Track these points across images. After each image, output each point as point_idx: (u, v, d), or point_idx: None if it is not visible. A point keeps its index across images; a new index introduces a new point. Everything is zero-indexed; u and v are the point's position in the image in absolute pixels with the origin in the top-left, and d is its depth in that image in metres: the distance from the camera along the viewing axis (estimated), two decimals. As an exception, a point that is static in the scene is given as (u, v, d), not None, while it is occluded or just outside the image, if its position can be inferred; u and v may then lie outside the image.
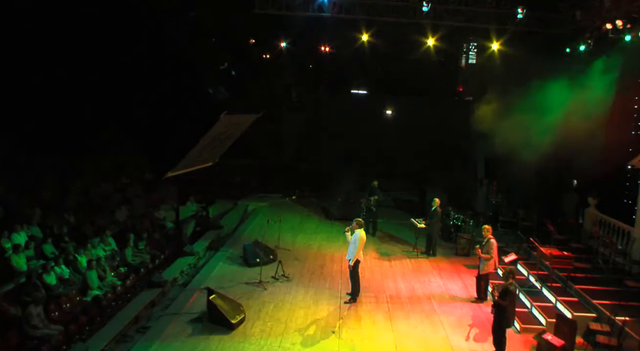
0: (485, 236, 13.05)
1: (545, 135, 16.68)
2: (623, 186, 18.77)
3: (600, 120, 16.57)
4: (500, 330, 10.33)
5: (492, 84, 18.94)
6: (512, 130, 16.84)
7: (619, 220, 15.63)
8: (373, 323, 11.75)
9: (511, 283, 10.35)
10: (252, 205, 22.43)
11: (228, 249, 16.35)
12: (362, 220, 13.08)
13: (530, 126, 16.90)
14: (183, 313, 11.55)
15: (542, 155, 16.55)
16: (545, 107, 17.16)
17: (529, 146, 16.47)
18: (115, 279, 14.08)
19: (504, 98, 17.74)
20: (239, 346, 10.23)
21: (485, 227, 13.14)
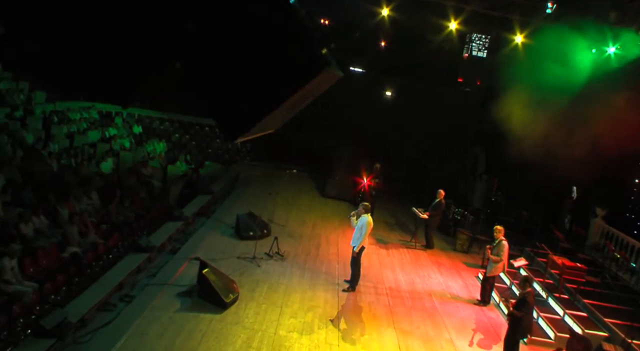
0: (497, 237, 12.31)
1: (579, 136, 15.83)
2: (628, 199, 18.24)
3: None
4: (513, 340, 9.61)
5: (515, 78, 18.00)
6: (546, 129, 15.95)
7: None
8: (373, 317, 10.96)
9: (528, 293, 9.60)
10: (243, 172, 21.37)
11: (219, 217, 15.35)
12: (369, 205, 12.23)
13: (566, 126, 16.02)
14: (171, 284, 10.56)
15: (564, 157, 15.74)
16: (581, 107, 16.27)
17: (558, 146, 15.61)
18: (96, 237, 13.05)
19: (533, 95, 16.82)
20: (232, 330, 9.33)
21: (497, 227, 12.38)
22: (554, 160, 17.87)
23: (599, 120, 16.10)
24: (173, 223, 13.76)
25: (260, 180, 20.95)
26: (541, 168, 19.79)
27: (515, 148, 19.86)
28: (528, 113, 16.68)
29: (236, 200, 17.52)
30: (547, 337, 11.15)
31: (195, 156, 21.85)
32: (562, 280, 12.42)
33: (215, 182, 18.83)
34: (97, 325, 8.85)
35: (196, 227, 14.67)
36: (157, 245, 12.03)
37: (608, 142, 16.36)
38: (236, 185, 19.82)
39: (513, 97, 17.42)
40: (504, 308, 12.40)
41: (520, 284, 9.74)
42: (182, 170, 20.06)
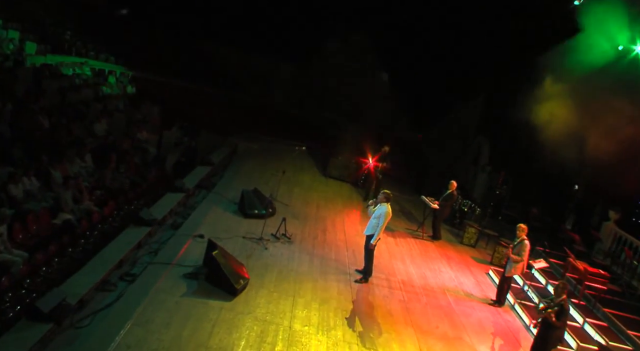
0: (519, 236, 11.62)
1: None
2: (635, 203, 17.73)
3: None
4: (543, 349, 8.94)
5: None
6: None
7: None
8: (389, 313, 10.23)
9: (565, 300, 8.91)
10: (241, 144, 20.36)
11: (220, 191, 14.41)
12: (390, 193, 11.41)
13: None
14: (175, 264, 9.65)
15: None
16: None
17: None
18: (90, 204, 12.06)
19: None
20: (244, 321, 8.51)
21: (521, 225, 11.67)
22: (567, 154, 17.27)
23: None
24: (174, 194, 12.80)
25: (260, 154, 20.01)
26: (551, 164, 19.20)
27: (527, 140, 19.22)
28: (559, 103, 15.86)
29: (237, 174, 16.58)
30: (569, 346, 10.52)
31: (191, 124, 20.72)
32: (583, 286, 11.78)
33: (214, 152, 17.80)
34: (97, 307, 7.93)
35: (196, 199, 13.73)
36: (158, 219, 11.06)
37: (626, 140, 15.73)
38: (234, 157, 18.80)
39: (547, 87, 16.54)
40: (519, 311, 11.79)
41: (557, 290, 9.03)
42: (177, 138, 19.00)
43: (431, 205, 15.46)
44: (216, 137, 20.78)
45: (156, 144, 18.19)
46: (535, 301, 12.22)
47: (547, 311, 8.84)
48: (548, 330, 8.86)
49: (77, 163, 13.42)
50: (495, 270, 13.90)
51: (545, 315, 8.88)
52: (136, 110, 19.70)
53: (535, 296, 12.31)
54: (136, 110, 19.66)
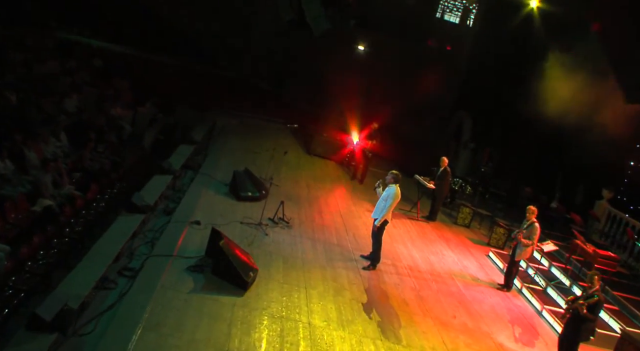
0: (529, 218, 11.16)
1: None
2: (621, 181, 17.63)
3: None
4: (576, 342, 8.52)
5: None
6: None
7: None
8: (405, 303, 9.67)
9: (599, 291, 8.48)
10: (220, 121, 19.33)
11: (207, 172, 13.49)
12: (398, 174, 10.75)
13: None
14: (175, 256, 8.79)
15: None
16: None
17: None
18: (71, 188, 11.04)
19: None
20: (261, 319, 7.80)
21: (531, 208, 11.22)
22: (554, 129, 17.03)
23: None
24: (161, 176, 11.82)
25: (241, 130, 19.05)
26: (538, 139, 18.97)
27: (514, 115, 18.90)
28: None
29: (221, 153, 15.64)
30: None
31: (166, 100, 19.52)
32: (593, 269, 11.41)
33: (193, 129, 16.77)
34: (99, 309, 7.05)
35: (183, 181, 12.79)
36: (151, 204, 10.13)
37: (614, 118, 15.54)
38: (214, 134, 17.80)
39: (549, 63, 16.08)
40: (528, 295, 11.42)
41: (589, 279, 8.58)
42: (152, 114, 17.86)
43: (427, 185, 14.92)
44: (192, 112, 19.69)
45: (131, 121, 17.06)
46: (542, 284, 11.85)
47: (578, 303, 8.38)
48: (579, 322, 8.42)
49: (52, 143, 12.33)
50: (495, 251, 13.52)
51: (575, 306, 8.42)
52: (106, 85, 18.39)
53: (542, 279, 11.94)
54: (106, 85, 18.35)
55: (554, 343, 9.72)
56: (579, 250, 11.92)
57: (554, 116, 16.55)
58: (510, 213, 16.70)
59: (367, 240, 12.02)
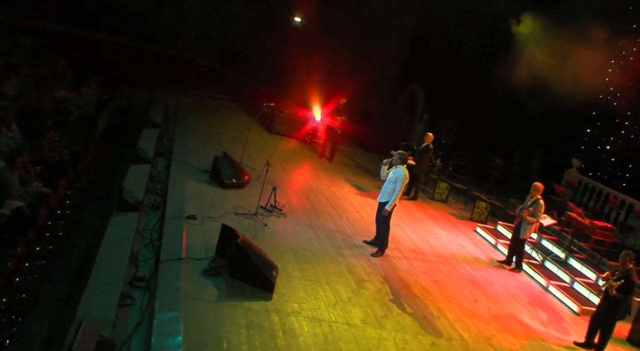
0: (533, 195, 10.88)
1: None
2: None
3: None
4: (612, 321, 8.34)
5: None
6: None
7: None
8: (426, 291, 9.19)
9: (632, 270, 8.30)
10: (172, 100, 17.96)
11: (179, 158, 12.34)
12: (405, 153, 10.20)
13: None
14: (185, 259, 7.81)
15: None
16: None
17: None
18: (40, 185, 9.70)
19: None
20: (301, 325, 7.09)
21: (537, 184, 10.95)
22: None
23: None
24: (138, 166, 10.62)
25: (196, 110, 17.76)
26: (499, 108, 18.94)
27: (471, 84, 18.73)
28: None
29: (185, 136, 14.41)
30: (594, 305, 10.09)
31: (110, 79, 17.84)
32: (592, 242, 11.42)
33: (150, 111, 15.41)
34: (125, 332, 6.03)
35: (158, 170, 11.61)
36: (140, 200, 9.00)
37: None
38: (170, 116, 16.48)
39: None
40: (530, 271, 11.25)
41: (622, 259, 8.36)
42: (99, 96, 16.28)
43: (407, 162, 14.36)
44: (139, 92, 18.17)
45: (76, 104, 15.45)
46: (539, 258, 11.72)
47: (609, 283, 8.15)
48: (612, 302, 8.22)
49: (3, 133, 10.77)
50: (482, 226, 13.31)
51: (606, 286, 8.19)
52: (42, 65, 16.53)
53: (538, 253, 11.80)
54: (42, 65, 16.49)
55: (573, 320, 9.62)
56: (574, 223, 11.83)
57: (519, 82, 16.33)
58: (483, 185, 16.60)
59: (362, 223, 11.57)
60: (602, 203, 14.33)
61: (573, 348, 8.62)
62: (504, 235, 12.91)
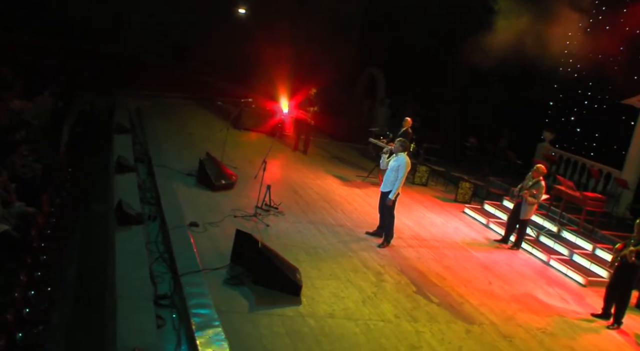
0: (535, 176, 10.86)
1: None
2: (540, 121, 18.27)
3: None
4: (628, 290, 8.45)
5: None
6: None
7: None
8: (442, 278, 9.10)
9: None
10: (131, 103, 17.16)
11: (159, 163, 11.75)
12: (406, 141, 10.03)
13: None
14: (205, 270, 7.38)
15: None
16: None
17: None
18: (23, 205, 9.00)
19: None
20: (342, 329, 6.80)
21: (540, 166, 10.95)
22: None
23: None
24: (124, 176, 10.00)
25: (159, 111, 17.03)
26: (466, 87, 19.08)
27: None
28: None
29: (158, 139, 13.76)
30: (598, 276, 10.28)
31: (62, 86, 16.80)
32: (584, 213, 11.59)
33: (114, 116, 14.66)
34: (167, 355, 5.58)
35: (142, 177, 11.01)
36: (140, 211, 8.46)
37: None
38: (133, 119, 15.72)
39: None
40: (527, 248, 11.33)
41: (638, 227, 8.44)
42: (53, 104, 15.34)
43: (388, 148, 14.20)
44: (97, 97, 17.28)
45: (32, 114, 14.52)
46: (533, 234, 11.82)
47: (628, 250, 8.23)
48: (629, 270, 8.30)
49: (-30, 151, 9.94)
50: (470, 207, 13.33)
51: (624, 253, 8.27)
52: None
53: (532, 229, 11.90)
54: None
55: (582, 292, 9.73)
56: (564, 196, 11.96)
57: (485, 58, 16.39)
58: (459, 166, 16.68)
59: (358, 215, 11.39)
60: (579, 174, 14.59)
61: (592, 320, 8.66)
62: (494, 214, 12.97)
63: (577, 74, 17.14)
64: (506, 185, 14.33)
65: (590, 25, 15.87)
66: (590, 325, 8.53)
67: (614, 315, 8.58)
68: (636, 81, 15.14)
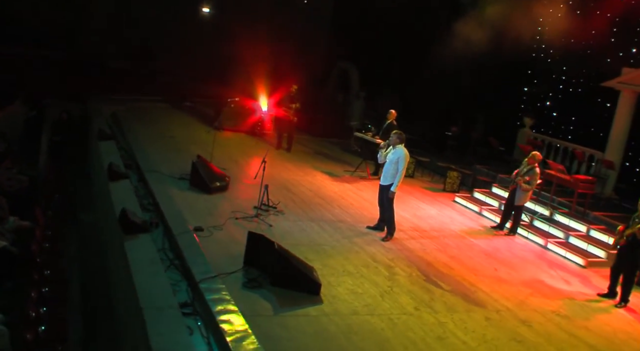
0: (530, 163, 10.95)
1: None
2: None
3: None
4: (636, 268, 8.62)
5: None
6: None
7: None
8: (450, 268, 9.12)
9: None
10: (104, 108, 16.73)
11: (147, 168, 11.49)
12: (402, 133, 9.96)
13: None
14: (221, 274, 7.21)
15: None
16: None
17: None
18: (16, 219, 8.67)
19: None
20: (367, 324, 6.75)
21: (535, 153, 11.05)
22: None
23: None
24: (117, 183, 9.71)
25: (135, 116, 16.64)
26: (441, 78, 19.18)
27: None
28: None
29: (141, 144, 13.43)
30: (597, 257, 10.46)
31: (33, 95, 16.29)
32: (576, 194, 11.78)
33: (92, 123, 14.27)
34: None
35: (134, 183, 10.72)
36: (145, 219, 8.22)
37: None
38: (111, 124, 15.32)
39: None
40: (523, 233, 11.45)
41: (640, 204, 8.60)
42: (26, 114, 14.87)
43: (376, 141, 14.21)
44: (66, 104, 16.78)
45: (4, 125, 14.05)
46: (527, 219, 11.94)
47: (637, 228, 8.36)
48: (636, 248, 8.44)
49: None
50: (461, 196, 13.42)
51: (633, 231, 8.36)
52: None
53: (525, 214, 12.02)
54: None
55: (584, 273, 9.88)
56: (554, 180, 12.12)
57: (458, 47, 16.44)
58: (442, 156, 16.77)
59: (355, 210, 11.36)
60: (561, 158, 14.81)
61: (599, 300, 8.79)
62: (485, 201, 13.06)
63: (550, 59, 17.43)
64: (493, 172, 14.45)
65: (562, 10, 16.09)
66: (599, 305, 8.64)
67: (620, 293, 8.70)
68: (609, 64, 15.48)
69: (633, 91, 13.09)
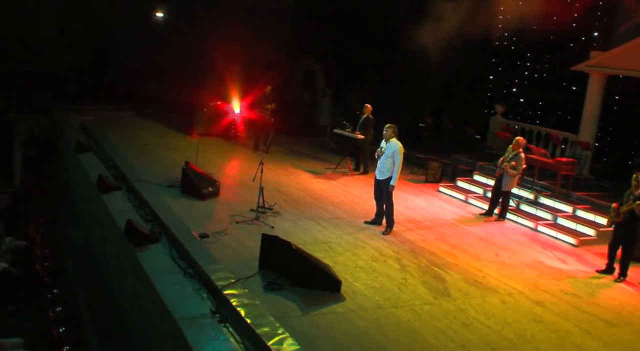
0: (515, 149, 11.19)
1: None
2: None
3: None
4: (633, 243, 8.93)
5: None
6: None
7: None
8: (454, 256, 9.26)
9: None
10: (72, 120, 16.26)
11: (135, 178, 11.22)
12: (395, 126, 10.03)
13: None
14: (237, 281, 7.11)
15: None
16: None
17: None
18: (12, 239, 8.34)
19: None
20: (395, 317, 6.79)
21: (518, 138, 11.31)
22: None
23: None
24: (110, 195, 9.46)
25: (104, 125, 16.20)
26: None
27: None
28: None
29: (120, 154, 13.10)
30: (587, 235, 10.78)
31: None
32: (559, 177, 12.10)
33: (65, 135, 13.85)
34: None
35: (125, 194, 10.46)
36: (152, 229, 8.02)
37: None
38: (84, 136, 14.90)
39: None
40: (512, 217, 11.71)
41: (635, 181, 8.84)
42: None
43: (357, 136, 14.26)
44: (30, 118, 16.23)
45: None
46: (513, 203, 12.20)
47: (636, 204, 8.60)
48: (632, 224, 8.73)
49: None
50: (445, 186, 13.61)
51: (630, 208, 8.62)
52: None
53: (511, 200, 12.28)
54: None
55: (578, 252, 10.17)
56: (537, 164, 12.42)
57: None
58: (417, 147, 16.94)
59: (348, 206, 11.44)
60: (535, 142, 15.18)
61: (599, 276, 9.06)
62: (469, 189, 13.27)
63: (514, 46, 17.86)
64: (472, 161, 14.70)
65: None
66: (600, 281, 8.92)
67: (619, 268, 8.99)
68: (572, 49, 15.99)
69: (602, 73, 13.54)
